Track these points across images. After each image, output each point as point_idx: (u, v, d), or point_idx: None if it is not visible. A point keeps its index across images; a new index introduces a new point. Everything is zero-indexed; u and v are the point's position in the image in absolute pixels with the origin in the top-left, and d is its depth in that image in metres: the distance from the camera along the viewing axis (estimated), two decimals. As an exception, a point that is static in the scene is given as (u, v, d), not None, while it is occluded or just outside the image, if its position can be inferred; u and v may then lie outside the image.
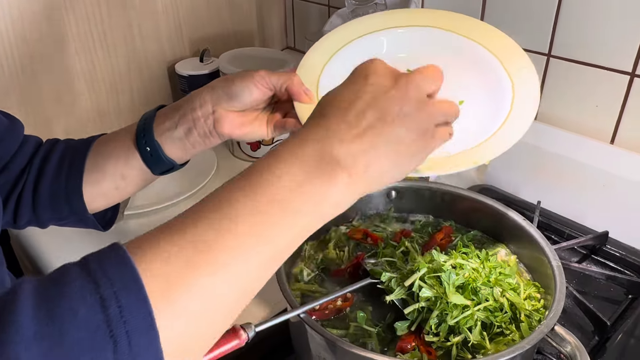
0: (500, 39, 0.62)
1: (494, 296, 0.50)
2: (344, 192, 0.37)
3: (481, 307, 0.50)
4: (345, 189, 0.37)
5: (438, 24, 0.65)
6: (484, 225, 0.64)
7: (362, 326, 0.52)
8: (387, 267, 0.55)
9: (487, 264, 0.54)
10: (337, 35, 0.64)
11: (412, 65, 0.43)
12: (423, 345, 0.49)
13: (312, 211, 0.36)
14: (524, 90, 0.56)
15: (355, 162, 0.37)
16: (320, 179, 0.36)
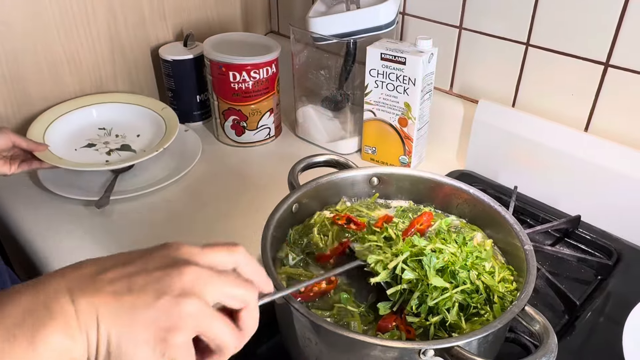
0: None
1: (471, 279, 0.53)
2: (57, 354, 0.33)
3: (459, 289, 0.52)
4: (60, 349, 0.33)
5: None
6: (462, 210, 0.66)
7: (346, 307, 0.54)
8: (376, 251, 0.57)
9: (464, 249, 0.56)
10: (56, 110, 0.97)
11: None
12: (403, 324, 0.52)
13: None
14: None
15: (77, 315, 0.34)
16: (17, 340, 0.32)
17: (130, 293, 0.35)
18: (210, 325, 0.37)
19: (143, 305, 0.35)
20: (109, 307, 0.35)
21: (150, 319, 0.35)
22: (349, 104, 1.02)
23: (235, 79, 0.97)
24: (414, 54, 0.86)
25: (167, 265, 0.37)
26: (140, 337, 0.35)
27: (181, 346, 0.36)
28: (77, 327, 0.34)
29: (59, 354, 0.34)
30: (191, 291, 0.36)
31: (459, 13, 0.91)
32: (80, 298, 0.35)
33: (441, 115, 0.98)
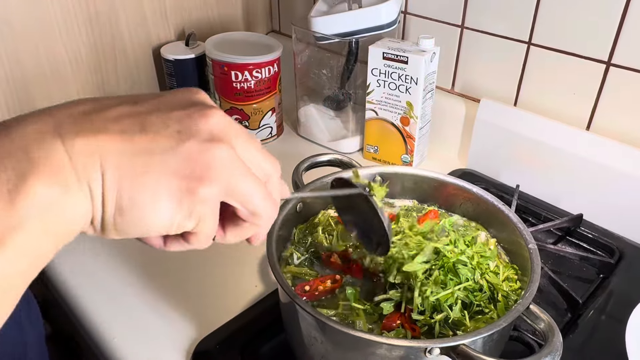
0: None
1: (475, 278, 0.53)
2: (47, 210, 0.25)
3: (461, 286, 0.53)
4: (50, 204, 0.25)
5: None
6: (465, 209, 0.67)
7: (352, 304, 0.55)
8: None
9: (472, 248, 0.57)
10: None
11: None
12: (408, 322, 0.52)
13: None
14: None
15: (71, 160, 0.26)
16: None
17: (145, 133, 0.28)
18: (244, 181, 0.30)
19: (163, 148, 0.28)
20: (117, 148, 0.27)
21: (173, 166, 0.28)
22: (351, 103, 1.02)
23: (237, 78, 0.97)
24: (416, 53, 0.86)
25: (188, 105, 0.30)
26: (161, 188, 0.27)
27: (210, 201, 0.29)
28: (73, 175, 0.26)
29: (47, 211, 0.26)
30: (220, 137, 0.29)
31: (461, 12, 0.92)
32: (75, 140, 0.26)
33: (443, 114, 0.98)
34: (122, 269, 0.72)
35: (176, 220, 0.29)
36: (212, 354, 0.60)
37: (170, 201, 0.28)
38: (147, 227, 0.28)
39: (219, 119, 0.30)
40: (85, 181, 0.26)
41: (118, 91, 1.07)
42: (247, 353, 0.61)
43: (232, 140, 0.30)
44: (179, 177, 0.28)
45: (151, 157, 0.27)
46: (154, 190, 0.27)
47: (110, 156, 0.27)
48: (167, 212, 0.28)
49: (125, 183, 0.27)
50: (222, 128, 0.29)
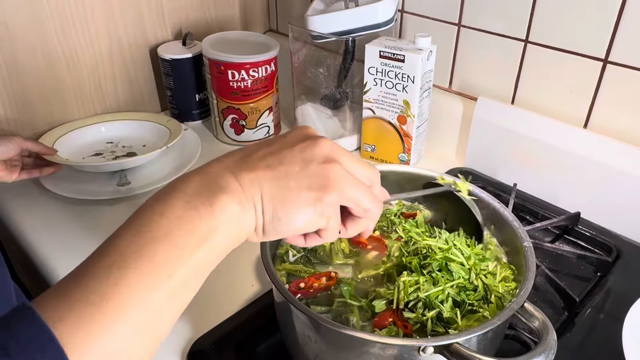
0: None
1: (470, 278, 0.53)
2: (233, 220, 0.37)
3: (453, 284, 0.53)
4: (234, 216, 0.37)
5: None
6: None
7: (346, 300, 0.54)
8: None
9: (472, 249, 0.57)
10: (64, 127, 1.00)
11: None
12: (400, 320, 0.52)
13: (200, 244, 0.36)
14: None
15: (242, 188, 0.38)
16: (199, 208, 0.36)
17: (282, 164, 0.40)
18: (354, 187, 0.41)
19: (296, 172, 0.39)
20: (268, 177, 0.39)
21: (306, 183, 0.39)
22: (348, 102, 1.02)
23: (234, 77, 0.97)
24: (413, 51, 0.85)
25: (304, 140, 0.41)
26: (301, 199, 0.39)
27: (333, 204, 0.40)
28: (245, 198, 0.38)
29: (234, 220, 0.38)
30: (332, 158, 0.40)
31: (458, 10, 0.91)
32: (241, 175, 0.39)
33: (440, 113, 0.98)
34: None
35: (313, 221, 0.40)
36: (208, 353, 0.60)
37: (307, 207, 0.39)
38: (294, 227, 0.40)
39: (328, 146, 0.41)
40: (251, 201, 0.38)
41: (115, 90, 1.07)
42: (243, 352, 0.60)
43: (340, 159, 0.41)
44: (310, 189, 0.39)
45: (289, 179, 0.39)
46: (296, 201, 0.39)
47: (264, 183, 0.39)
48: (306, 215, 0.40)
49: (276, 199, 0.39)
50: (331, 151, 0.41)
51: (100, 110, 1.06)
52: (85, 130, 1.01)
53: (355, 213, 0.43)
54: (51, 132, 0.98)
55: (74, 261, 0.36)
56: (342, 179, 0.40)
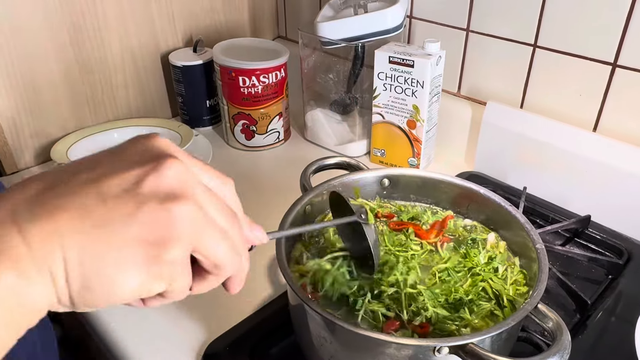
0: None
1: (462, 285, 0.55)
2: (5, 291, 0.25)
3: (430, 288, 0.55)
4: (7, 286, 0.25)
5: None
6: (473, 211, 0.67)
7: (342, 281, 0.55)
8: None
9: (471, 260, 0.58)
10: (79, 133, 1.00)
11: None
12: (409, 323, 0.52)
13: None
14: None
15: (30, 248, 0.26)
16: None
17: (104, 202, 0.27)
18: (207, 235, 0.29)
19: (122, 217, 0.27)
20: (74, 227, 0.26)
21: (135, 233, 0.27)
22: (358, 107, 1.03)
23: (245, 83, 0.98)
24: (422, 56, 0.86)
25: (146, 160, 0.29)
26: (124, 259, 0.27)
27: (178, 262, 0.28)
28: (32, 264, 0.26)
29: (10, 298, 0.26)
30: (181, 193, 0.28)
31: (466, 16, 0.92)
32: (30, 226, 0.26)
33: (449, 117, 0.99)
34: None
35: (145, 287, 0.28)
36: (222, 356, 0.61)
37: (136, 270, 0.27)
38: (117, 297, 0.28)
39: (176, 170, 0.29)
40: (45, 267, 0.26)
41: (127, 97, 1.08)
42: (257, 355, 0.61)
43: (195, 193, 0.29)
44: (142, 244, 0.27)
45: (112, 227, 0.27)
46: (118, 262, 0.27)
47: (69, 236, 0.26)
48: (135, 281, 0.28)
49: (87, 258, 0.27)
50: (179, 180, 0.29)
51: (112, 117, 1.08)
52: (98, 136, 1.02)
53: (205, 267, 0.31)
54: (65, 138, 0.99)
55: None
56: (190, 225, 0.28)
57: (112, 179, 0.28)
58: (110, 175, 0.28)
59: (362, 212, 0.51)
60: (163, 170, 0.28)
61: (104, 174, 0.28)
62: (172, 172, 0.29)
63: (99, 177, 0.28)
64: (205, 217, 0.29)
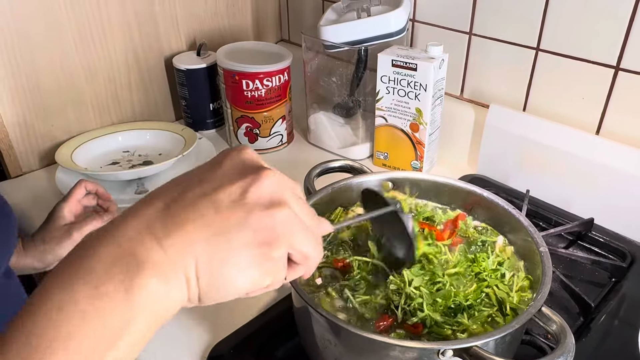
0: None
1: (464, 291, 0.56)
2: (155, 302, 0.31)
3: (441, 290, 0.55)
4: (157, 297, 0.31)
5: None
6: (476, 213, 0.67)
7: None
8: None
9: (479, 265, 0.59)
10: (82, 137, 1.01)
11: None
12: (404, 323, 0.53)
13: (112, 341, 0.30)
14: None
15: (168, 258, 0.31)
16: (111, 296, 0.30)
17: (218, 212, 0.32)
18: (300, 234, 0.35)
19: (236, 224, 0.32)
20: (202, 237, 0.32)
21: (248, 238, 0.33)
22: (361, 110, 1.03)
23: (248, 87, 0.98)
24: (425, 60, 0.87)
25: (244, 173, 0.34)
26: (243, 259, 0.33)
27: (281, 259, 0.34)
28: (172, 271, 0.31)
29: (157, 301, 0.31)
30: (278, 200, 0.34)
31: (469, 19, 0.92)
32: (167, 239, 0.31)
33: (452, 120, 0.99)
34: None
35: (259, 282, 0.34)
36: (227, 358, 0.61)
37: (251, 268, 0.33)
38: (237, 292, 0.34)
39: (271, 180, 0.34)
40: (181, 271, 0.32)
41: (131, 100, 1.09)
42: (262, 357, 0.61)
43: (288, 199, 0.35)
44: (255, 246, 0.33)
45: (229, 234, 0.32)
46: (238, 263, 0.33)
47: (197, 244, 0.32)
48: (251, 277, 0.33)
49: (214, 262, 0.32)
50: (277, 191, 0.34)
51: (117, 120, 1.08)
52: (102, 139, 1.03)
53: (295, 259, 0.36)
54: (69, 142, 1.00)
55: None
56: (290, 227, 0.34)
57: (221, 192, 0.33)
58: (219, 189, 0.33)
59: (397, 203, 0.54)
60: (262, 182, 0.34)
61: (213, 189, 0.33)
62: (268, 182, 0.34)
63: (209, 191, 0.33)
64: (297, 218, 0.35)
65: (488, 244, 0.62)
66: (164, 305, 0.32)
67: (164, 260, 0.31)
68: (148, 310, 0.31)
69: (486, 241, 0.62)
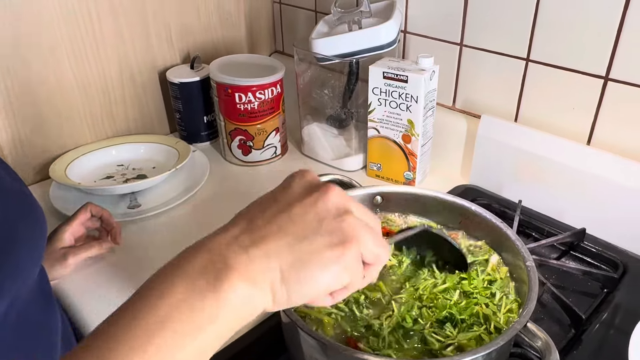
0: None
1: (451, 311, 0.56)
2: (242, 302, 0.35)
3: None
4: (244, 298, 0.35)
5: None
6: (466, 227, 0.67)
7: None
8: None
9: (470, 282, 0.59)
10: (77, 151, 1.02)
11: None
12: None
13: (202, 328, 0.34)
14: None
15: (254, 264, 0.36)
16: (204, 292, 0.34)
17: (295, 224, 0.37)
18: (367, 235, 0.39)
19: (312, 231, 0.37)
20: (283, 244, 0.37)
21: (325, 241, 0.37)
22: (354, 122, 1.04)
23: (241, 100, 0.99)
24: (416, 72, 0.87)
25: (311, 191, 0.39)
26: (323, 260, 0.37)
27: (355, 256, 0.38)
28: (259, 275, 0.35)
29: (243, 302, 0.35)
30: (344, 209, 0.39)
31: (460, 30, 0.93)
32: (253, 248, 0.36)
33: (445, 131, 0.99)
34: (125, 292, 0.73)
35: (338, 279, 0.38)
36: (217, 374, 0.61)
37: (331, 266, 0.37)
38: (321, 289, 0.38)
39: (335, 194, 0.39)
40: (266, 276, 0.36)
41: (126, 114, 1.09)
42: (252, 373, 0.61)
43: (351, 208, 0.39)
44: (331, 247, 0.37)
45: (307, 239, 0.37)
46: (318, 264, 0.37)
47: (279, 253, 0.36)
48: (331, 275, 0.37)
49: (296, 266, 0.36)
50: (341, 202, 0.39)
51: (111, 134, 1.09)
52: (96, 153, 1.03)
53: (367, 260, 0.40)
54: (63, 156, 1.00)
55: (84, 283, 0.37)
56: (358, 229, 0.39)
57: (295, 207, 0.38)
58: (292, 205, 0.38)
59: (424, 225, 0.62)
60: (328, 196, 0.39)
61: (287, 205, 0.39)
62: (333, 196, 0.39)
63: (284, 207, 0.38)
64: (363, 223, 0.39)
65: (478, 262, 0.62)
66: (248, 308, 0.36)
67: (251, 266, 0.35)
68: (233, 310, 0.35)
69: (475, 260, 0.62)
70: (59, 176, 0.93)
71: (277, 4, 1.28)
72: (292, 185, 0.40)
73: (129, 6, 1.02)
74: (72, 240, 0.77)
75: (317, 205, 0.38)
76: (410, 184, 0.96)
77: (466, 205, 0.65)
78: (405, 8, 0.99)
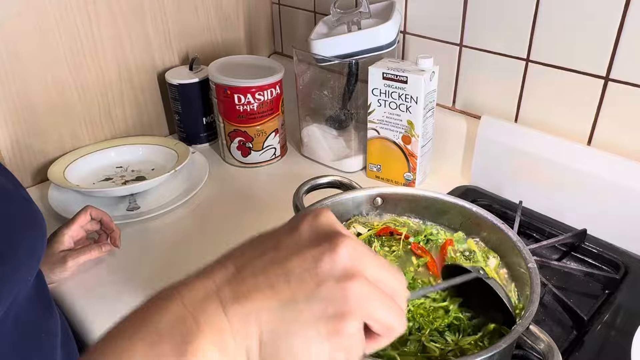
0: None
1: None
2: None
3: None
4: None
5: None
6: (467, 228, 0.67)
7: None
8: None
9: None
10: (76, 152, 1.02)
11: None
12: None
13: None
14: None
15: (231, 326, 0.31)
16: (167, 356, 0.29)
17: (288, 283, 0.31)
18: (379, 306, 0.32)
19: (305, 296, 0.31)
20: (268, 306, 0.31)
21: (317, 311, 0.31)
22: (353, 123, 1.03)
23: (240, 101, 0.99)
24: (416, 72, 0.87)
25: (319, 241, 0.33)
26: (309, 333, 0.31)
27: (355, 334, 0.32)
28: (233, 340, 0.31)
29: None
30: (353, 272, 0.32)
31: (459, 31, 0.93)
32: (233, 306, 0.31)
33: (445, 132, 0.99)
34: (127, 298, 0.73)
35: (327, 358, 0.32)
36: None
37: (320, 343, 0.31)
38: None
39: (348, 248, 0.32)
40: (243, 344, 0.31)
41: (124, 115, 1.09)
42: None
43: (364, 269, 0.32)
44: (324, 319, 0.31)
45: (297, 306, 0.31)
46: (304, 337, 0.31)
47: (263, 314, 0.31)
48: (318, 352, 0.31)
49: (278, 334, 0.31)
50: (353, 259, 0.32)
51: (110, 135, 1.08)
52: (95, 155, 1.03)
53: (376, 331, 0.34)
54: (62, 158, 1.00)
55: (83, 285, 0.37)
56: (366, 298, 0.32)
57: (294, 261, 0.32)
58: (292, 257, 0.32)
59: (480, 269, 0.53)
60: (338, 250, 0.32)
61: (286, 256, 0.32)
62: (345, 251, 0.32)
63: (282, 259, 0.32)
64: (376, 289, 0.32)
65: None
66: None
67: (226, 327, 0.31)
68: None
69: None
70: (58, 178, 0.93)
71: (276, 4, 1.27)
72: (300, 228, 0.34)
73: (127, 7, 1.01)
74: (71, 243, 0.77)
75: (322, 261, 0.32)
76: (410, 185, 0.96)
77: (467, 207, 0.65)
78: (405, 9, 0.99)
